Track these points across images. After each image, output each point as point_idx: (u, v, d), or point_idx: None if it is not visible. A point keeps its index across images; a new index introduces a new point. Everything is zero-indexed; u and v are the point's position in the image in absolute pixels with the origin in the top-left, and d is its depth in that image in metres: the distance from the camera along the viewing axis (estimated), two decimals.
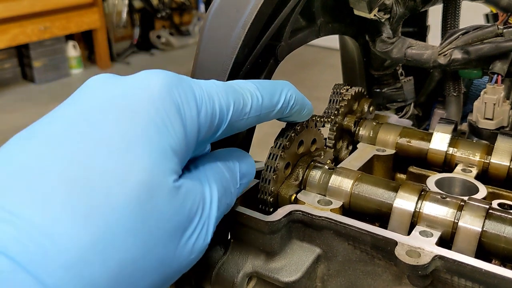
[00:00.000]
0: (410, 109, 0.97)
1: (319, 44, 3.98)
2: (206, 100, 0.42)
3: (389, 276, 0.52)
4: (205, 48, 0.58)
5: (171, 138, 0.39)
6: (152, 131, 0.38)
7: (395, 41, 0.78)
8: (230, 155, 0.49)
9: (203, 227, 0.41)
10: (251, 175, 0.51)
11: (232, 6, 0.58)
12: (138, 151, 0.37)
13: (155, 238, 0.37)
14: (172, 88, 0.40)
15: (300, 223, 0.55)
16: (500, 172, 0.65)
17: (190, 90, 0.42)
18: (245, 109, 0.46)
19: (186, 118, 0.40)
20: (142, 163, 0.36)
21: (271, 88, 0.50)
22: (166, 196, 0.37)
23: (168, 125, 0.39)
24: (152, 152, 0.37)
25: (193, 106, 0.41)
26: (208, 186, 0.43)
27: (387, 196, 0.56)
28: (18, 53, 4.63)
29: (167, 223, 0.38)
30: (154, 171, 0.37)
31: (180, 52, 5.48)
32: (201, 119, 0.42)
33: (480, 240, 0.50)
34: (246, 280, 0.56)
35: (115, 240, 0.34)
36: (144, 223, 0.36)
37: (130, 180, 0.36)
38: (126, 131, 0.37)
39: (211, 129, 0.43)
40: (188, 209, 0.40)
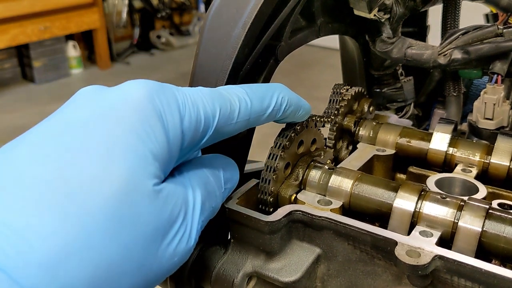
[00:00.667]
0: (410, 109, 0.97)
1: (319, 44, 3.98)
2: (190, 107, 0.43)
3: (389, 276, 0.52)
4: (205, 48, 0.58)
5: (152, 144, 0.39)
6: (132, 137, 0.39)
7: (395, 41, 0.78)
8: (214, 160, 0.50)
9: (185, 230, 0.42)
10: (235, 180, 0.52)
11: (232, 6, 0.58)
12: (117, 156, 0.38)
13: (133, 241, 0.37)
14: (153, 96, 0.41)
15: (300, 223, 0.55)
16: (500, 172, 0.65)
17: (173, 98, 0.42)
18: (233, 114, 0.46)
19: (168, 124, 0.41)
20: (120, 167, 0.37)
21: (261, 92, 0.50)
22: (145, 200, 0.38)
23: (149, 132, 0.40)
24: (131, 157, 0.38)
25: (175, 113, 0.42)
26: (191, 190, 0.44)
27: (387, 196, 0.56)
28: (18, 53, 4.63)
29: (147, 226, 0.38)
30: (132, 175, 0.37)
31: (180, 52, 5.48)
32: (184, 125, 0.42)
33: (480, 240, 0.50)
34: (246, 280, 0.56)
35: (91, 242, 0.35)
36: (121, 226, 0.36)
37: (107, 184, 0.36)
38: (106, 139, 0.38)
39: (196, 135, 0.44)
40: (169, 212, 0.40)
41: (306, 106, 0.56)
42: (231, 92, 0.48)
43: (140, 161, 0.38)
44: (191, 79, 0.58)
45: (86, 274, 0.35)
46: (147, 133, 0.39)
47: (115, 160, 0.37)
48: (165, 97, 0.42)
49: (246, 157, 0.62)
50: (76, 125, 0.39)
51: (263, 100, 0.50)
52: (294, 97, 0.54)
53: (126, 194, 0.37)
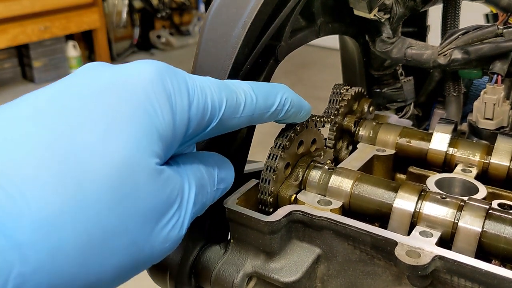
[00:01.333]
0: (410, 109, 0.97)
1: (319, 44, 3.99)
2: (199, 93, 0.43)
3: (389, 276, 0.52)
4: (205, 48, 0.58)
5: (158, 122, 0.39)
6: (139, 113, 0.38)
7: (395, 41, 0.78)
8: (210, 158, 0.49)
9: (179, 217, 0.41)
10: (229, 181, 0.51)
11: (232, 6, 0.58)
12: (123, 129, 0.37)
13: (130, 215, 0.37)
14: (164, 76, 0.41)
15: (300, 223, 0.55)
16: (500, 172, 0.65)
17: (183, 81, 0.42)
18: (238, 108, 0.46)
19: (177, 106, 0.41)
20: (125, 141, 0.37)
21: (266, 90, 0.50)
22: (146, 176, 0.38)
23: (157, 110, 0.39)
24: (137, 132, 0.38)
25: (184, 96, 0.41)
26: (187, 181, 0.43)
27: (387, 196, 0.56)
28: (18, 53, 4.63)
29: (145, 203, 0.38)
30: (137, 150, 0.37)
31: (180, 52, 5.48)
32: (192, 110, 0.42)
33: (480, 241, 0.50)
34: (245, 280, 0.56)
35: (88, 207, 0.35)
36: (120, 197, 0.36)
37: (111, 155, 0.36)
38: (113, 112, 0.37)
39: (201, 123, 0.43)
40: (167, 194, 0.40)
41: (307, 107, 0.56)
42: (238, 86, 0.47)
43: (145, 138, 0.38)
44: None
45: (79, 238, 0.34)
46: (155, 110, 0.39)
47: (121, 131, 0.37)
48: (176, 79, 0.41)
49: (246, 157, 0.62)
50: (83, 94, 0.38)
51: (267, 98, 0.50)
52: (296, 98, 0.54)
53: (128, 166, 0.36)
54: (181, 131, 0.42)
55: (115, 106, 0.38)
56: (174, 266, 0.57)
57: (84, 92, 0.38)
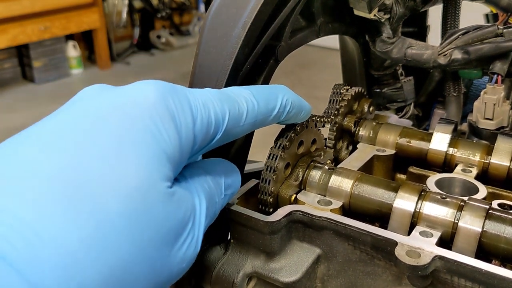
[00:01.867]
0: (410, 109, 0.97)
1: (319, 44, 3.99)
2: (201, 109, 0.43)
3: (389, 276, 0.52)
4: (205, 48, 0.58)
5: (166, 144, 0.39)
6: (146, 137, 0.38)
7: (395, 41, 0.78)
8: (216, 165, 0.49)
9: (194, 235, 0.41)
10: (236, 186, 0.51)
11: (232, 6, 0.58)
12: (132, 156, 0.37)
13: (148, 242, 0.37)
14: (166, 96, 0.41)
15: (300, 224, 0.55)
16: (500, 172, 0.65)
17: (185, 99, 0.42)
18: (241, 117, 0.46)
19: (182, 126, 0.41)
20: (136, 168, 0.37)
21: (266, 94, 0.50)
22: (160, 201, 0.37)
23: (163, 132, 0.39)
24: (146, 157, 0.37)
25: (188, 114, 0.41)
26: (197, 196, 0.44)
27: (387, 197, 0.56)
28: (18, 53, 4.63)
29: (161, 228, 0.38)
30: (148, 176, 0.37)
31: (180, 52, 5.48)
32: (196, 127, 0.42)
33: (480, 241, 0.50)
34: (246, 280, 0.56)
35: (107, 242, 0.34)
36: (137, 227, 0.36)
37: (123, 184, 0.36)
38: (120, 138, 0.37)
39: (207, 137, 0.43)
40: (181, 216, 0.40)
41: (307, 107, 0.56)
42: (238, 94, 0.47)
43: (155, 162, 0.38)
44: (191, 79, 0.58)
45: (101, 274, 0.34)
46: (161, 133, 0.39)
47: (130, 158, 0.37)
48: (178, 98, 0.41)
49: (246, 157, 0.62)
50: (88, 121, 0.38)
51: (268, 102, 0.49)
52: (297, 99, 0.53)
53: (142, 195, 0.36)
54: (188, 149, 0.42)
55: (121, 132, 0.37)
56: None
57: (89, 120, 0.38)
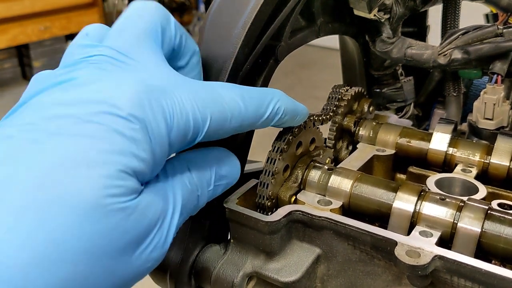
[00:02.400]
0: (410, 109, 0.97)
1: (319, 44, 3.99)
2: (178, 116, 0.42)
3: (389, 276, 0.52)
4: (205, 48, 0.58)
5: (133, 158, 0.39)
6: (108, 155, 0.38)
7: (395, 41, 0.78)
8: (206, 156, 0.49)
9: (161, 238, 0.41)
10: (233, 176, 0.51)
11: (232, 6, 0.58)
12: (93, 172, 0.37)
13: (106, 254, 0.37)
14: (141, 104, 0.40)
15: (300, 223, 0.55)
16: (500, 172, 0.65)
17: (159, 108, 0.41)
18: (225, 121, 0.46)
19: (155, 137, 0.40)
20: (91, 186, 0.36)
21: (258, 98, 0.49)
22: (118, 215, 0.38)
23: (132, 147, 0.39)
24: (105, 175, 0.37)
25: (162, 124, 0.41)
26: (172, 194, 0.44)
27: (387, 197, 0.56)
28: (18, 53, 4.63)
29: (120, 240, 0.38)
30: (102, 193, 0.37)
31: None
32: (172, 135, 0.42)
33: (479, 241, 0.50)
34: (245, 280, 0.56)
35: (60, 257, 0.35)
36: (93, 241, 0.36)
37: (76, 202, 0.36)
38: (79, 154, 0.37)
39: (184, 141, 0.43)
40: (144, 225, 0.40)
41: (303, 112, 0.56)
42: (226, 95, 0.47)
43: (115, 178, 0.37)
44: None
45: (54, 287, 0.34)
46: (130, 147, 0.38)
47: (89, 176, 0.36)
48: (151, 109, 0.40)
49: (246, 157, 0.62)
50: (46, 133, 0.37)
51: (259, 108, 0.49)
52: (291, 105, 0.53)
53: (97, 210, 0.36)
54: (162, 156, 0.42)
55: (81, 148, 0.37)
56: (174, 266, 0.57)
57: (46, 132, 0.37)
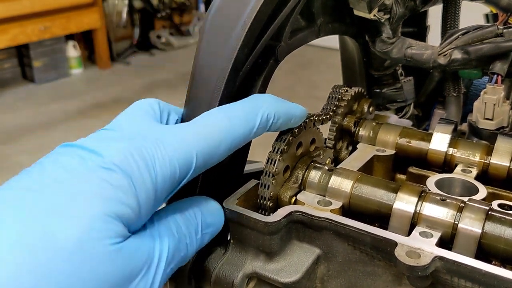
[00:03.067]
0: (410, 109, 0.97)
1: (319, 44, 3.98)
2: (161, 161, 0.44)
3: (389, 276, 0.52)
4: (205, 48, 0.58)
5: (118, 207, 0.41)
6: (94, 201, 0.40)
7: (395, 41, 0.78)
8: (193, 205, 0.51)
9: (146, 283, 0.43)
10: (217, 225, 0.53)
11: (232, 6, 0.58)
12: (79, 217, 0.39)
13: None
14: (124, 155, 0.43)
15: (300, 224, 0.55)
16: (500, 172, 0.65)
17: (141, 156, 0.43)
18: (215, 149, 0.47)
19: (139, 184, 0.42)
20: (78, 227, 0.39)
21: (244, 113, 0.50)
22: (102, 258, 0.39)
23: (118, 193, 0.41)
24: (90, 218, 0.39)
25: (144, 171, 0.43)
26: (159, 243, 0.45)
27: (387, 197, 0.56)
28: (18, 53, 4.63)
29: (102, 283, 0.39)
30: (88, 234, 0.39)
31: (180, 52, 5.48)
32: (158, 183, 0.44)
33: (480, 242, 0.50)
34: (245, 280, 0.56)
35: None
36: (73, 280, 0.38)
37: (62, 242, 0.38)
38: (70, 195, 0.40)
39: (173, 182, 0.45)
40: (129, 270, 0.41)
41: (298, 113, 0.56)
42: (210, 123, 0.48)
43: (98, 222, 0.39)
44: (191, 79, 0.58)
45: None
46: (114, 195, 0.41)
47: (75, 221, 0.39)
48: (133, 159, 0.43)
49: (246, 157, 0.62)
50: (46, 182, 0.41)
51: (247, 122, 0.50)
52: (283, 108, 0.53)
53: (81, 250, 0.38)
54: (149, 201, 0.43)
55: (71, 197, 0.40)
56: None
57: (48, 183, 0.41)
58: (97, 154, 0.43)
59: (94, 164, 0.42)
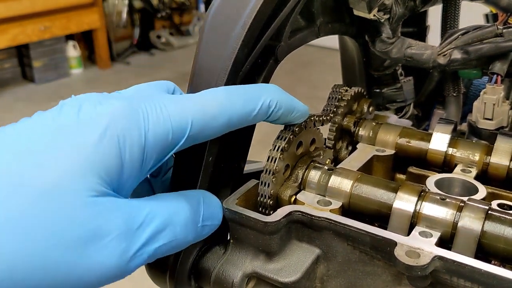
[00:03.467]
0: (410, 109, 0.97)
1: (319, 44, 3.99)
2: (154, 118, 0.44)
3: (389, 276, 0.52)
4: (205, 48, 0.58)
5: (97, 157, 0.41)
6: (80, 154, 0.40)
7: (395, 41, 0.78)
8: (193, 194, 0.50)
9: (118, 245, 0.41)
10: (216, 220, 0.52)
11: (232, 6, 0.58)
12: (63, 164, 0.40)
13: (50, 244, 0.38)
14: (117, 111, 0.43)
15: (300, 224, 0.55)
16: (499, 172, 0.65)
17: (135, 122, 0.43)
18: (211, 120, 0.47)
19: (126, 149, 0.42)
20: (61, 172, 0.39)
21: (246, 94, 0.50)
22: (74, 206, 0.39)
23: (101, 148, 0.41)
24: (76, 167, 0.40)
25: (135, 131, 0.43)
26: (149, 211, 0.44)
27: (387, 197, 0.56)
28: (18, 53, 4.63)
29: (70, 233, 0.39)
30: (69, 181, 0.39)
31: (180, 52, 5.48)
32: (147, 140, 0.43)
33: (479, 241, 0.50)
34: (245, 280, 0.56)
35: (14, 231, 0.37)
36: (41, 224, 0.38)
37: (36, 186, 0.38)
38: (50, 147, 0.40)
39: (163, 147, 0.45)
40: (99, 224, 0.40)
41: (301, 108, 0.56)
42: (210, 97, 0.48)
43: (82, 172, 0.40)
44: (191, 79, 0.58)
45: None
46: (94, 149, 0.41)
47: (60, 164, 0.39)
48: (125, 117, 0.43)
49: (246, 157, 0.62)
50: (33, 133, 0.41)
51: (247, 103, 0.50)
52: (286, 99, 0.53)
53: (56, 195, 0.38)
54: (134, 160, 0.43)
55: (54, 142, 0.40)
56: (173, 267, 0.57)
57: (35, 133, 0.41)
58: (90, 106, 0.43)
59: (84, 116, 0.42)
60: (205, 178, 0.56)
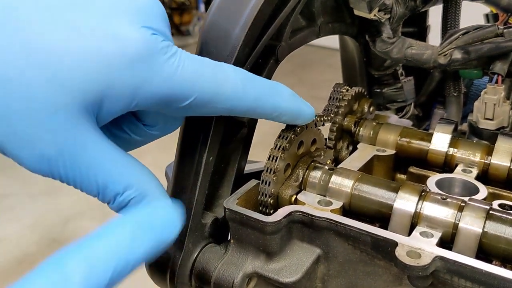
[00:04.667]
0: (410, 109, 0.97)
1: (319, 44, 3.99)
2: (166, 79, 0.43)
3: (390, 276, 0.52)
4: (205, 48, 0.57)
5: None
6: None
7: (395, 41, 0.78)
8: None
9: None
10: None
11: (232, 6, 0.58)
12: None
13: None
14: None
15: (300, 224, 0.55)
16: (500, 172, 0.65)
17: (164, 54, 0.43)
18: (214, 99, 0.46)
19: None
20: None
21: (261, 87, 0.50)
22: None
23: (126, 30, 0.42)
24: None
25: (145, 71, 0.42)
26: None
27: (388, 197, 0.56)
28: None
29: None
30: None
31: None
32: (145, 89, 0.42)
33: (480, 241, 0.50)
34: (246, 280, 0.56)
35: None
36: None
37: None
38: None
39: (158, 103, 0.44)
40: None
41: (307, 113, 0.56)
42: (229, 76, 0.47)
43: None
44: None
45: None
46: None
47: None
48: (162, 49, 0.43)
49: (246, 157, 0.62)
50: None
51: (258, 99, 0.49)
52: (292, 107, 0.53)
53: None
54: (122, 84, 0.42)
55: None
56: (174, 267, 0.57)
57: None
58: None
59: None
60: (205, 178, 0.56)
